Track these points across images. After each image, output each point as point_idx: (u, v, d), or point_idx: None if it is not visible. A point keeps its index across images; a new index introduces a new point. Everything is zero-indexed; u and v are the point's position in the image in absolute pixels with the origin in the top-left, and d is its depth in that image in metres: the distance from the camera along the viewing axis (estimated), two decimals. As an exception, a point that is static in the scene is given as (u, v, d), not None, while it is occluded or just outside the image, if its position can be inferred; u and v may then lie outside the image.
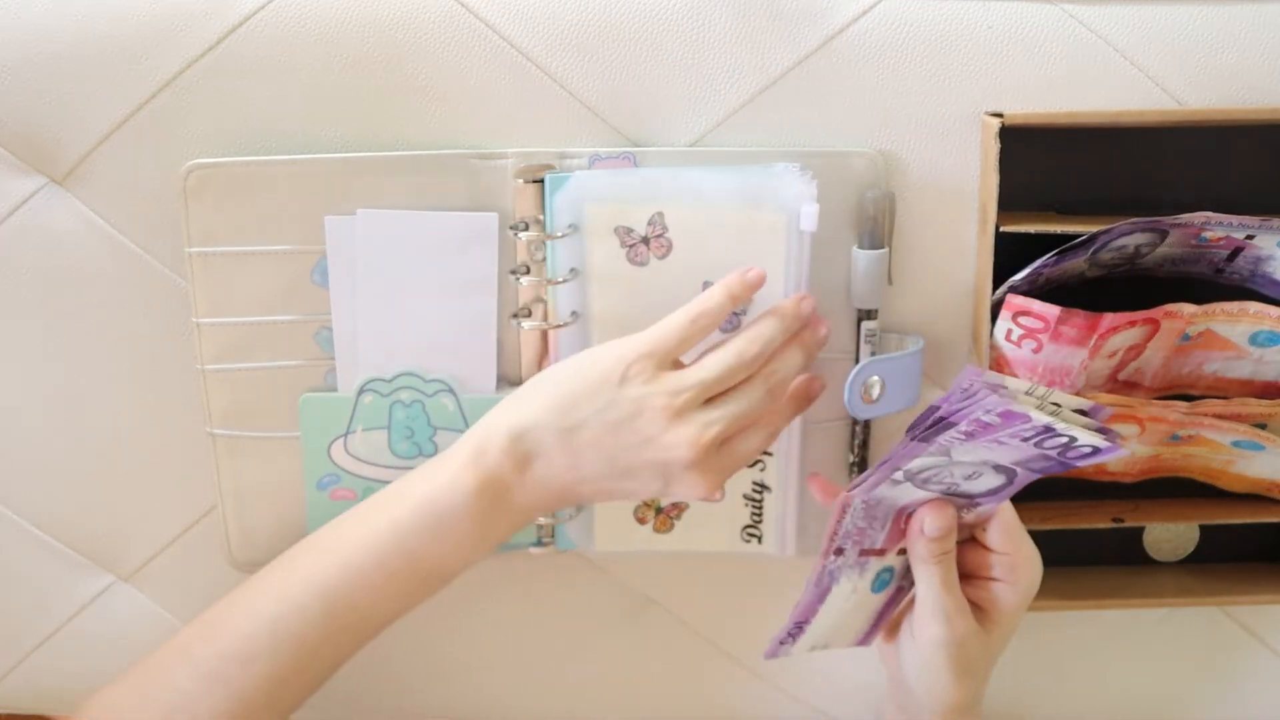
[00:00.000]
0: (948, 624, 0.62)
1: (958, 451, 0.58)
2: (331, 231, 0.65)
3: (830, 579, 0.64)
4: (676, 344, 0.61)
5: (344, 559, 0.61)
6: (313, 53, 0.65)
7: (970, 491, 0.61)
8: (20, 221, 0.68)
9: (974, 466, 0.59)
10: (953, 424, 0.56)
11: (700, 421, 0.59)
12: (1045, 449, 0.56)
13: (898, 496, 0.62)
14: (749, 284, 0.62)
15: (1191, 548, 0.75)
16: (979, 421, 0.55)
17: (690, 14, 0.65)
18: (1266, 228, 0.61)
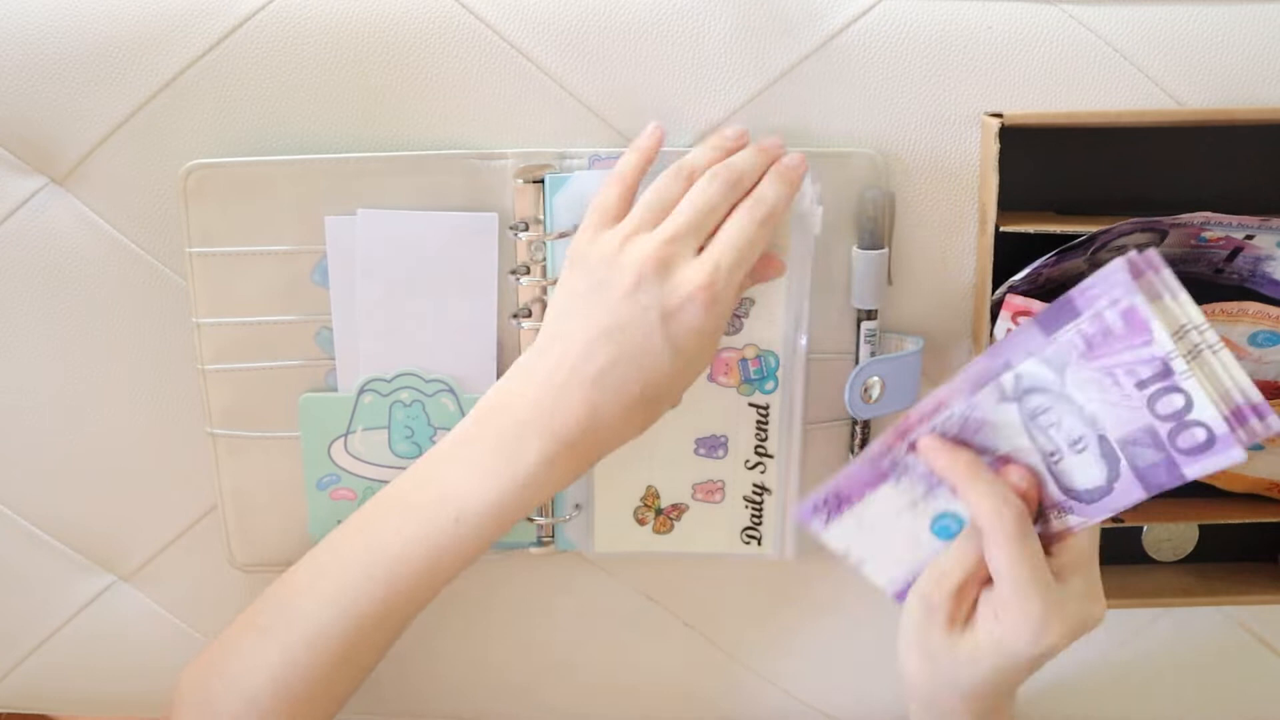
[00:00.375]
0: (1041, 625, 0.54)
1: (1072, 374, 0.53)
2: (332, 231, 0.65)
3: (890, 468, 0.59)
4: (659, 205, 0.59)
5: (380, 515, 0.61)
6: (313, 53, 0.65)
7: (1070, 477, 0.55)
8: (20, 221, 0.68)
9: (1081, 423, 0.54)
10: (1078, 311, 0.51)
11: (696, 264, 0.57)
12: (1157, 413, 0.51)
13: (998, 427, 0.56)
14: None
15: (1191, 548, 0.75)
16: (1101, 321, 0.51)
17: (690, 14, 0.65)
18: (1266, 228, 0.61)
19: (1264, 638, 0.76)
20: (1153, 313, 0.50)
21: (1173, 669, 0.77)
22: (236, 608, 0.65)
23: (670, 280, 0.57)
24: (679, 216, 0.59)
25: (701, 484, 0.69)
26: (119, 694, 0.78)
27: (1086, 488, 0.56)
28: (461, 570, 0.60)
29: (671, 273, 0.57)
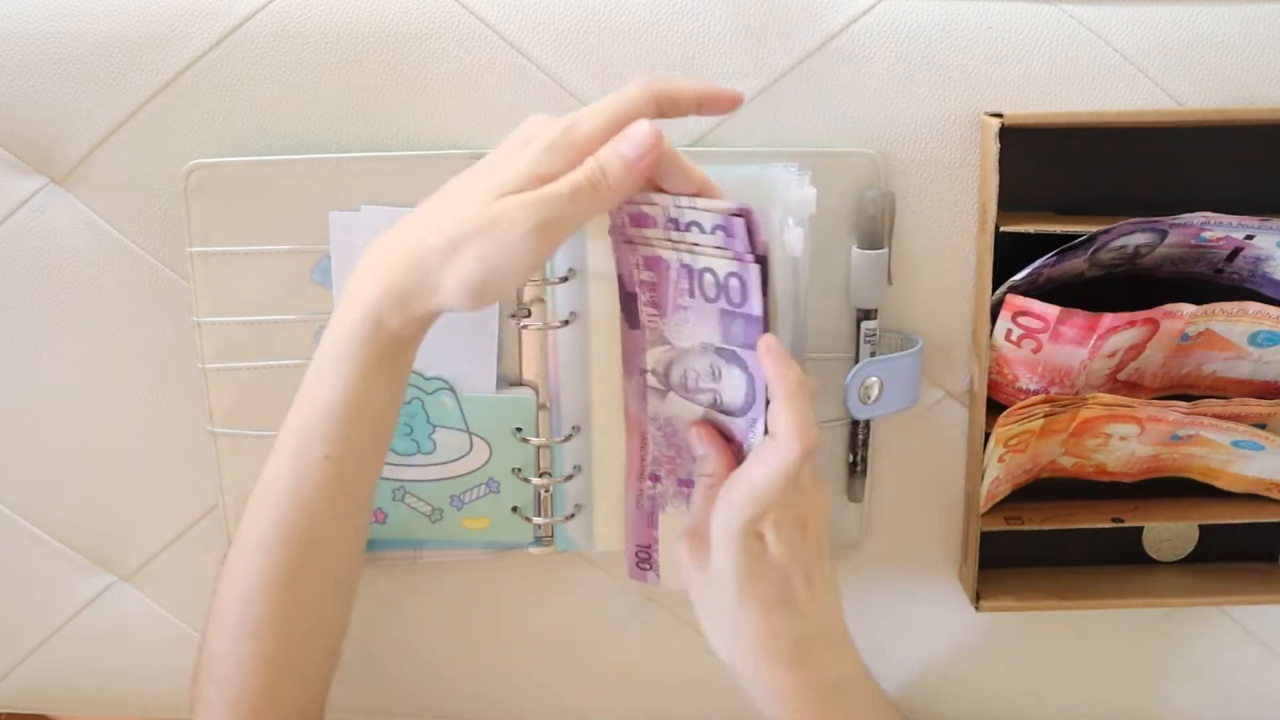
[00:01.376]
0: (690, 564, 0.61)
1: (670, 332, 0.60)
2: (336, 227, 0.65)
3: (652, 504, 0.66)
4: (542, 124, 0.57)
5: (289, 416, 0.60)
6: (313, 52, 0.65)
7: (731, 401, 0.60)
8: (20, 221, 0.68)
9: (705, 357, 0.60)
10: (632, 293, 0.60)
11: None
12: (716, 301, 0.58)
13: (682, 415, 0.63)
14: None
15: (1191, 548, 0.75)
16: (645, 284, 0.59)
17: (690, 14, 0.65)
18: (1266, 228, 0.61)
19: (1264, 638, 0.76)
20: (646, 239, 0.58)
21: (1173, 669, 0.77)
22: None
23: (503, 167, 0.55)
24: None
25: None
26: (119, 694, 0.78)
27: (741, 401, 0.60)
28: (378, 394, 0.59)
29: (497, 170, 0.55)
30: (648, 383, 0.63)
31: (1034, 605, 0.71)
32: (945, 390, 0.70)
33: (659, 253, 0.59)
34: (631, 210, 0.58)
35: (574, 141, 0.54)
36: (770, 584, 0.59)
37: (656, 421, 0.64)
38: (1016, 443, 0.67)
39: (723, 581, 0.59)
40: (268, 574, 0.61)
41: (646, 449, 0.65)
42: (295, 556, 0.61)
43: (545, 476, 0.69)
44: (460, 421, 0.68)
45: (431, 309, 0.56)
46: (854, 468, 0.71)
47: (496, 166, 0.56)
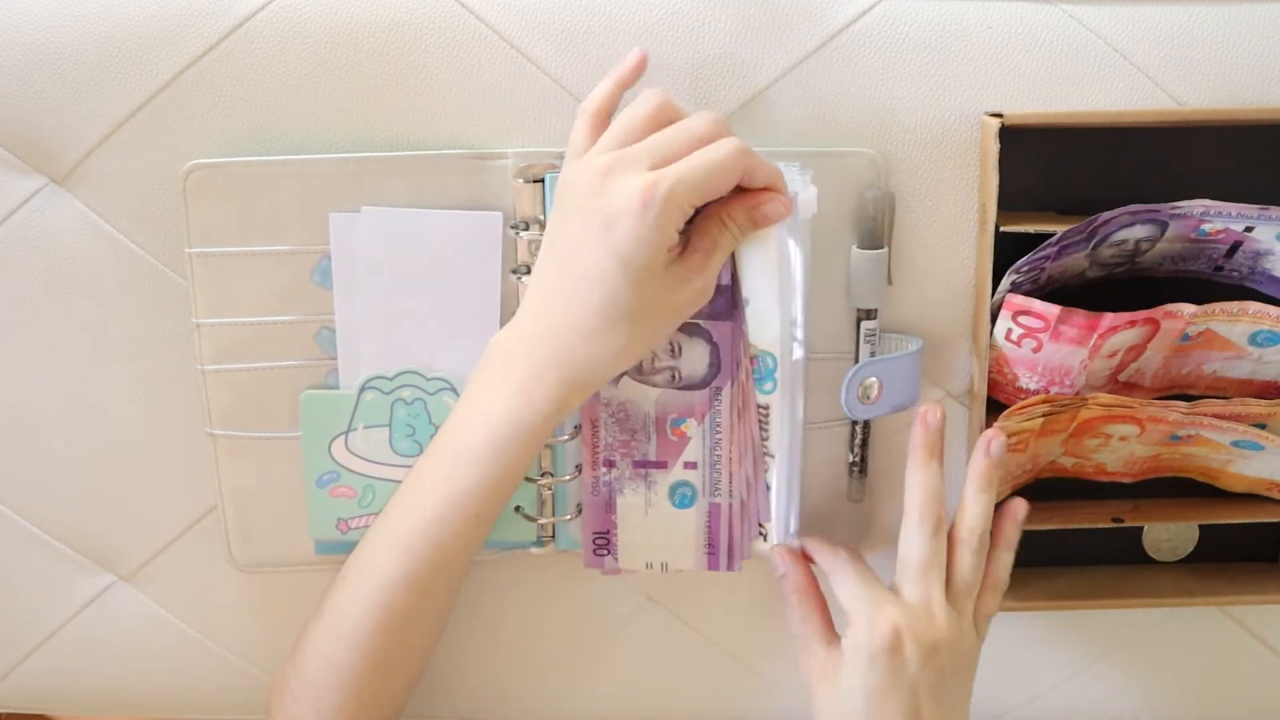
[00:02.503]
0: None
1: None
2: (336, 228, 0.65)
3: (609, 490, 0.67)
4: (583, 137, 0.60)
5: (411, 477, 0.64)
6: (313, 53, 0.65)
7: (692, 375, 0.62)
8: (20, 221, 0.68)
9: None
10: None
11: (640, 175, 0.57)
12: None
13: (635, 399, 0.64)
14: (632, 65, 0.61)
15: (1191, 548, 0.75)
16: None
17: (690, 14, 0.65)
18: (1265, 218, 0.61)
19: (1264, 638, 0.76)
20: None
21: (1173, 669, 0.77)
22: (236, 608, 0.65)
23: (611, 189, 0.56)
24: (640, 141, 0.58)
25: None
26: (119, 694, 0.78)
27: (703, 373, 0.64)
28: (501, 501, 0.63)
29: (614, 181, 0.56)
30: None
31: (1034, 605, 0.71)
32: (945, 390, 0.70)
33: None
34: None
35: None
36: (897, 703, 0.60)
37: (609, 407, 0.65)
38: (1016, 443, 0.67)
39: (850, 701, 0.61)
40: (388, 612, 0.63)
41: (598, 435, 0.66)
42: (417, 599, 0.63)
43: (547, 476, 0.69)
44: (461, 421, 0.68)
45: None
46: (854, 468, 0.71)
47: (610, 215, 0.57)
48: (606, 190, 0.57)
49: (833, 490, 0.71)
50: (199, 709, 0.78)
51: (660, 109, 0.59)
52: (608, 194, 0.57)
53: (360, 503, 0.69)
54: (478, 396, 0.62)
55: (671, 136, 0.58)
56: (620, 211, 0.56)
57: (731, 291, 0.57)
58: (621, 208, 0.56)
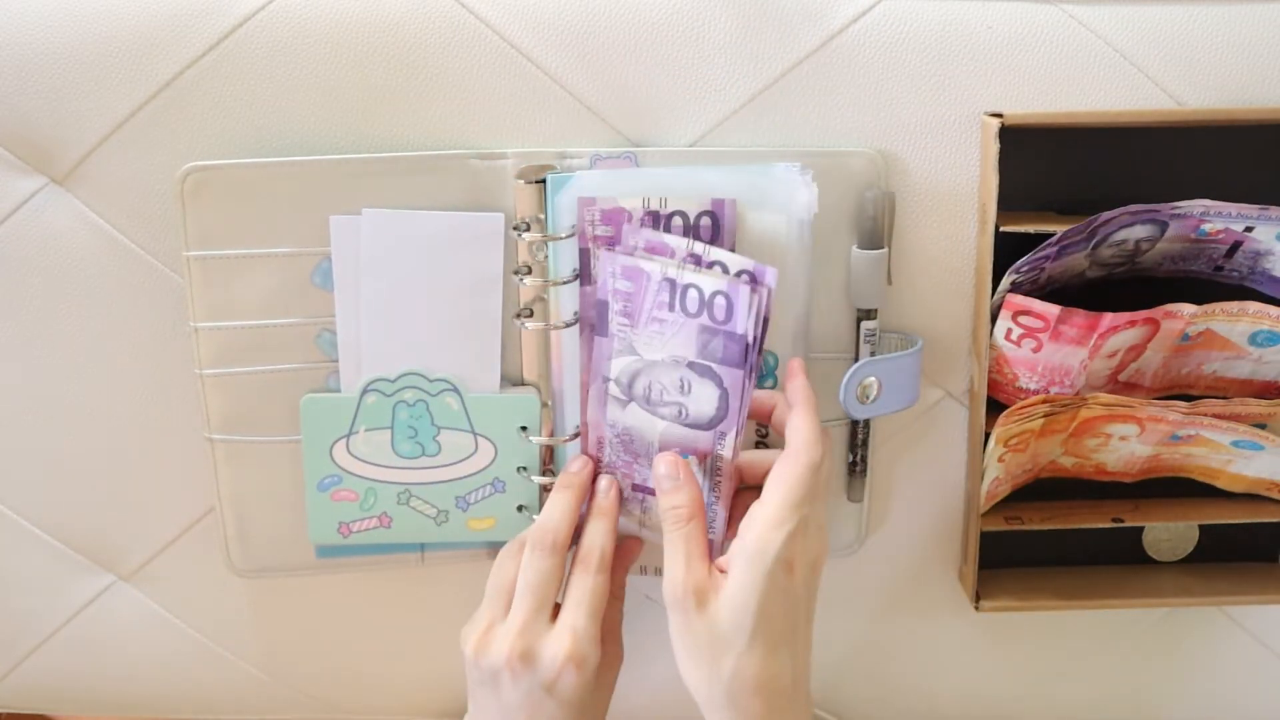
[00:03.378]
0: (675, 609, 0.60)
1: (640, 344, 0.61)
2: (336, 230, 0.65)
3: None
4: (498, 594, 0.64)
5: None
6: (313, 53, 0.65)
7: (699, 415, 0.61)
8: (20, 221, 0.68)
9: (674, 370, 0.61)
10: (604, 300, 0.61)
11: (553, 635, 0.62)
12: (691, 312, 0.59)
13: (641, 426, 0.63)
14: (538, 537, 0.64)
15: (1191, 548, 0.75)
16: (620, 293, 0.60)
17: (690, 14, 0.65)
18: (1265, 218, 0.61)
19: (1264, 638, 0.76)
20: (642, 260, 0.60)
21: (1173, 669, 0.77)
22: (236, 608, 0.65)
23: (539, 664, 0.61)
24: (519, 603, 0.63)
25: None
26: (119, 694, 0.78)
27: (710, 415, 0.61)
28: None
29: (537, 657, 0.61)
30: (609, 391, 0.64)
31: (1034, 605, 0.72)
32: (945, 390, 0.70)
33: (639, 264, 0.60)
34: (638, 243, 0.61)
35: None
36: (781, 621, 0.59)
37: (615, 429, 0.65)
38: (1016, 443, 0.67)
39: (735, 613, 0.58)
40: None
41: (602, 453, 0.66)
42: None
43: (550, 475, 0.69)
44: (465, 422, 0.68)
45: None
46: (854, 468, 0.71)
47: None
48: (535, 667, 0.61)
49: (832, 490, 0.71)
50: (199, 709, 0.78)
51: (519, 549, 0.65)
52: (539, 670, 0.61)
53: (362, 506, 0.69)
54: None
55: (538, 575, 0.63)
56: (558, 678, 0.61)
57: (748, 342, 0.58)
58: (557, 675, 0.61)
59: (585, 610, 0.62)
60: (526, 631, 0.62)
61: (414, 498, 0.69)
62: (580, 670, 0.61)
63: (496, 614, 0.64)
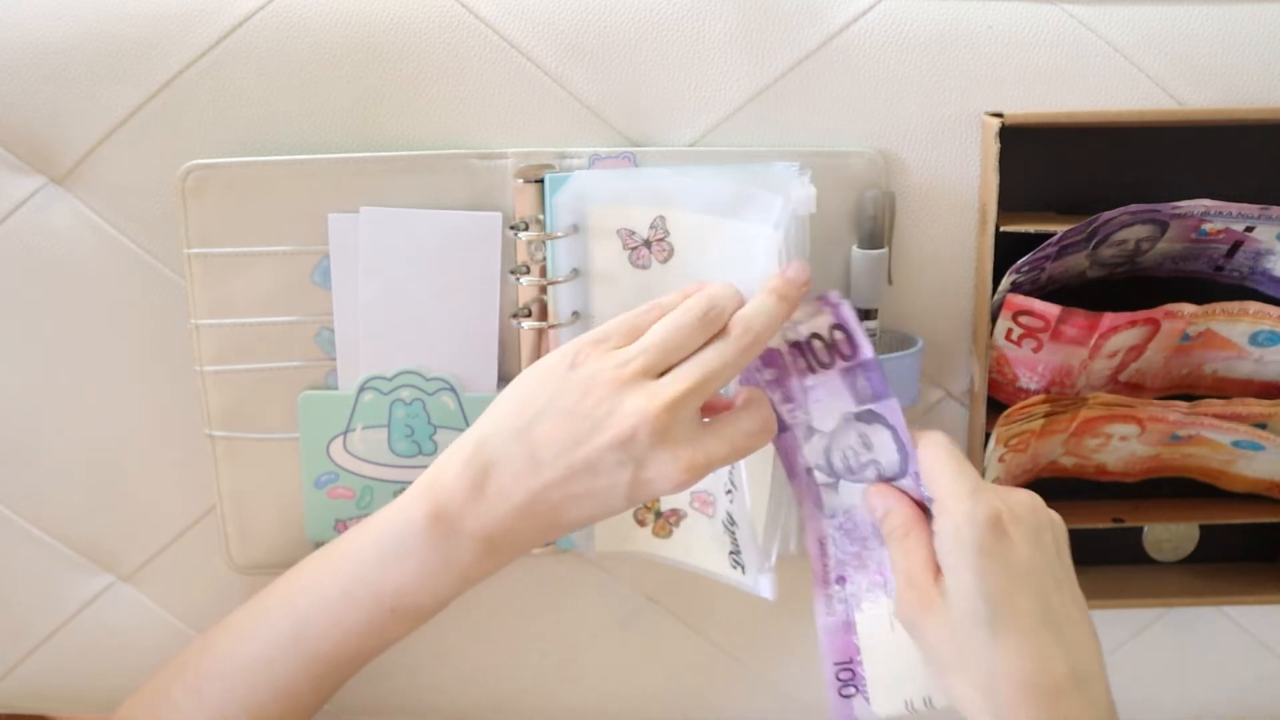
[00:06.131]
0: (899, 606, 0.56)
1: (814, 418, 0.59)
2: (335, 229, 0.65)
3: (845, 608, 0.60)
4: (628, 329, 0.57)
5: (314, 586, 0.61)
6: (313, 53, 0.65)
7: (889, 464, 0.58)
8: (20, 221, 0.68)
9: (850, 428, 0.58)
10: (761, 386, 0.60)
11: (650, 389, 0.55)
12: (828, 364, 0.58)
13: (855, 504, 0.60)
14: (713, 296, 0.58)
15: (1191, 548, 0.75)
16: (770, 384, 0.59)
17: (690, 14, 0.65)
18: (1266, 218, 0.61)
19: (1264, 638, 0.76)
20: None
21: (1173, 669, 0.77)
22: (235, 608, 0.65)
23: (656, 463, 0.55)
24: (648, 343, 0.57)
25: (698, 492, 0.68)
26: (119, 694, 0.77)
27: (897, 460, 0.58)
28: (398, 642, 0.61)
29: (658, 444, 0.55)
30: (816, 480, 0.61)
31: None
32: (945, 390, 0.70)
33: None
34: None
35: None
36: (1024, 595, 0.52)
37: (835, 519, 0.61)
38: (1017, 443, 0.67)
39: (968, 607, 0.53)
40: (274, 688, 0.60)
41: (827, 552, 0.61)
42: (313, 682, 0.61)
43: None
44: (462, 422, 0.68)
45: None
46: (854, 468, 0.71)
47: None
48: (653, 455, 0.55)
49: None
50: (199, 709, 0.78)
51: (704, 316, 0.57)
52: (653, 462, 0.55)
53: (358, 504, 0.69)
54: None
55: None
56: (654, 480, 0.55)
57: (877, 362, 0.57)
58: (659, 479, 0.55)
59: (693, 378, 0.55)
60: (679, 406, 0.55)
61: (411, 497, 0.69)
62: (681, 486, 0.55)
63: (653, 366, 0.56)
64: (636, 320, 0.58)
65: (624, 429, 0.54)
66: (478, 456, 0.57)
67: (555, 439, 0.56)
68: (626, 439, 0.54)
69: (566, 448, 0.55)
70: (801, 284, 0.58)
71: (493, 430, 0.57)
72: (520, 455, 0.56)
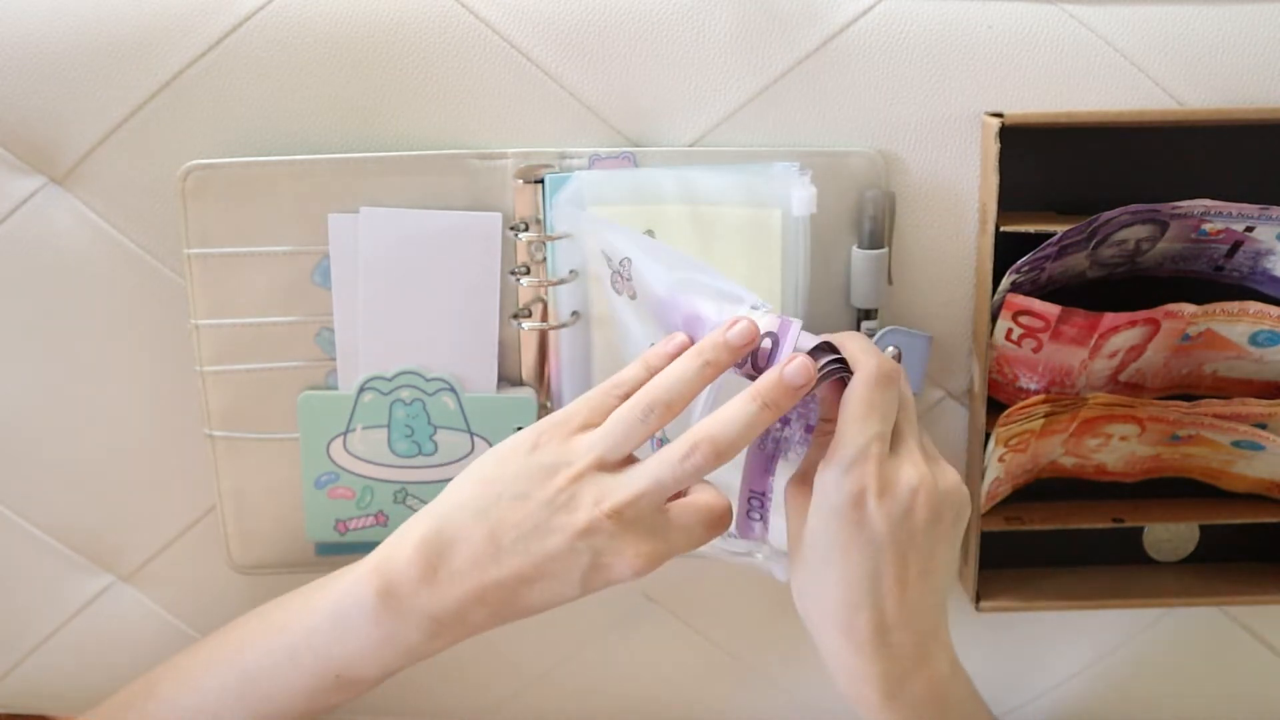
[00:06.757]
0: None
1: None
2: (335, 229, 0.65)
3: (775, 447, 0.61)
4: (588, 410, 0.57)
5: (261, 645, 0.61)
6: (312, 53, 0.65)
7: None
8: (20, 221, 0.68)
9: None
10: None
11: (605, 485, 0.55)
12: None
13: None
14: (666, 355, 0.58)
15: (1191, 548, 0.75)
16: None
17: (690, 14, 0.65)
18: (1266, 218, 0.61)
19: (1264, 638, 0.76)
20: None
21: (1173, 669, 0.77)
22: (236, 608, 0.65)
23: (615, 553, 0.55)
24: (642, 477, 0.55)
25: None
26: (119, 694, 0.78)
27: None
28: (329, 671, 0.60)
29: (618, 534, 0.55)
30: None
31: (1034, 605, 0.71)
32: (945, 390, 0.70)
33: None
34: None
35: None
36: (858, 561, 0.55)
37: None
38: (1017, 443, 0.67)
39: (814, 544, 0.56)
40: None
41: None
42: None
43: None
44: (461, 422, 0.68)
45: None
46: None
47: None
48: (614, 540, 0.54)
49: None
50: (199, 709, 0.78)
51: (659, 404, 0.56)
52: (613, 544, 0.55)
53: (358, 504, 0.69)
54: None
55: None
56: (611, 566, 0.55)
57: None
58: (619, 565, 0.55)
59: (652, 477, 0.55)
60: (635, 505, 0.54)
61: (410, 497, 0.69)
62: (639, 575, 0.55)
63: (610, 452, 0.56)
64: (600, 401, 0.57)
65: (581, 521, 0.54)
66: (435, 538, 0.56)
67: (514, 524, 0.55)
68: (585, 530, 0.54)
69: (525, 533, 0.55)
70: (797, 388, 0.55)
71: (451, 511, 0.57)
72: (479, 539, 0.56)
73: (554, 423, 0.57)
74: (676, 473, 0.54)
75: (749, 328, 0.57)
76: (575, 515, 0.55)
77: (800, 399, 0.56)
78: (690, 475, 0.55)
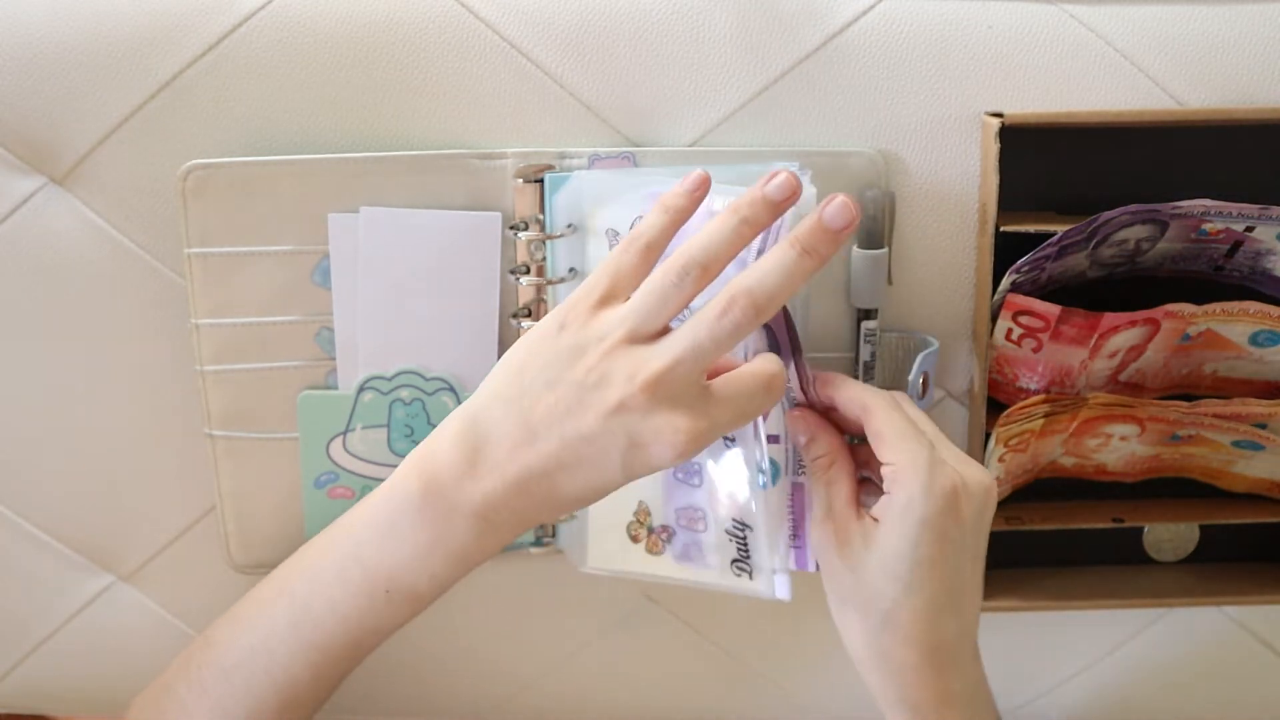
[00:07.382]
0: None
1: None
2: (335, 229, 0.65)
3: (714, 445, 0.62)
4: (611, 278, 0.54)
5: (309, 570, 0.61)
6: (313, 52, 0.65)
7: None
8: (20, 221, 0.68)
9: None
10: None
11: (638, 356, 0.52)
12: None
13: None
14: (686, 193, 0.55)
15: (1191, 548, 0.75)
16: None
17: (690, 14, 0.65)
18: (1266, 218, 0.61)
19: (1264, 638, 0.76)
20: None
21: (1173, 669, 0.77)
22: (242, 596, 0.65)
23: (653, 431, 0.52)
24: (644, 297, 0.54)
25: (683, 509, 0.67)
26: (119, 694, 0.77)
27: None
28: (397, 630, 0.60)
29: (658, 417, 0.52)
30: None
31: (1034, 605, 0.71)
32: (945, 390, 0.70)
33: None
34: None
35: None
36: (945, 578, 0.54)
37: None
38: (1017, 443, 0.67)
39: (891, 566, 0.54)
40: (273, 679, 0.60)
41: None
42: (311, 671, 0.60)
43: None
44: (460, 422, 0.68)
45: None
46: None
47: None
48: (649, 416, 0.52)
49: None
50: (199, 709, 0.78)
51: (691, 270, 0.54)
52: (649, 421, 0.52)
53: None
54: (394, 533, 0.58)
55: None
56: (652, 444, 0.52)
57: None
58: (654, 442, 0.52)
59: (687, 344, 0.52)
60: (678, 368, 0.52)
61: (410, 496, 0.69)
62: (683, 456, 0.52)
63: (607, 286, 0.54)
64: (622, 261, 0.55)
65: (614, 398, 0.52)
66: (470, 430, 0.55)
67: (548, 409, 0.53)
68: (617, 407, 0.52)
69: (559, 417, 0.53)
70: (838, 231, 0.53)
71: (485, 403, 0.56)
72: (513, 427, 0.54)
73: (578, 297, 0.55)
74: (715, 330, 0.52)
75: (789, 180, 0.53)
76: (607, 393, 0.52)
77: (840, 246, 0.54)
78: (729, 335, 0.52)
